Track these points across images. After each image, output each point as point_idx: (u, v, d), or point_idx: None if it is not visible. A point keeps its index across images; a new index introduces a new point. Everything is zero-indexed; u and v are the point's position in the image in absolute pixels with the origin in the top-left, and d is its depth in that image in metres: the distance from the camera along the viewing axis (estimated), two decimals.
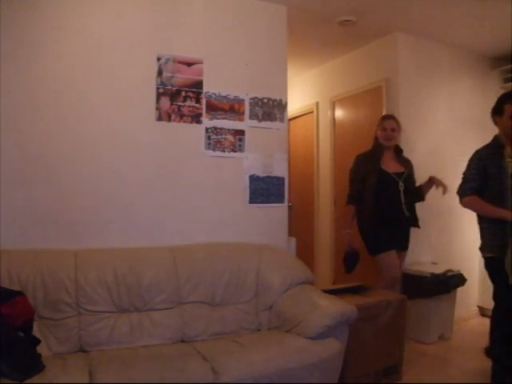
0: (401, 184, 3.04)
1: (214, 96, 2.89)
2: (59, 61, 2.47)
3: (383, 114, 3.82)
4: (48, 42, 2.45)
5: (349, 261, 3.11)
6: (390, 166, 3.12)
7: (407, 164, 3.22)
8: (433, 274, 3.28)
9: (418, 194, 3.18)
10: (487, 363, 2.57)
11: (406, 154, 3.62)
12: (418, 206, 3.22)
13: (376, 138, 3.19)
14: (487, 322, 2.67)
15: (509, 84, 4.01)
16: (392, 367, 2.65)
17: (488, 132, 4.09)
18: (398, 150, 3.23)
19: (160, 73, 2.72)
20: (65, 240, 2.42)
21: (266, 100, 3.06)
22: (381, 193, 3.01)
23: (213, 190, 2.88)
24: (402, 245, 3.14)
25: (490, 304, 3.89)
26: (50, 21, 2.46)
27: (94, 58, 2.56)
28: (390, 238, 3.03)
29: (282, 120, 3.12)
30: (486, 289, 3.95)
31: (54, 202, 2.44)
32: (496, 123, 2.64)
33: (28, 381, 1.65)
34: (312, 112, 4.85)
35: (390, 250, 3.00)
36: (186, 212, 2.79)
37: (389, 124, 3.14)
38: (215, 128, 2.88)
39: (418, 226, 3.19)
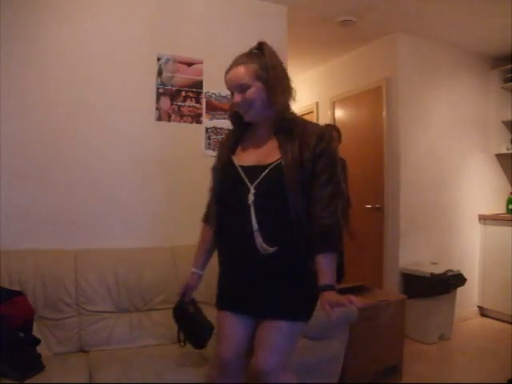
0: (252, 191, 1.47)
1: (214, 96, 2.88)
2: (59, 61, 2.46)
3: (383, 114, 3.82)
4: (48, 42, 2.45)
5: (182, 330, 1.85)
6: (248, 155, 1.56)
7: (293, 142, 1.46)
8: (433, 274, 3.27)
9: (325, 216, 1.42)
10: (487, 363, 2.57)
11: (404, 154, 3.55)
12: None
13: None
14: (487, 322, 2.68)
15: (509, 84, 4.01)
16: (392, 367, 2.65)
17: (488, 132, 4.11)
18: (285, 125, 1.50)
19: (160, 73, 2.72)
20: (65, 240, 2.42)
21: None
22: (222, 207, 1.60)
23: None
24: (254, 307, 1.53)
25: (489, 304, 3.92)
26: (50, 21, 2.45)
27: (94, 58, 2.55)
28: (227, 290, 1.63)
29: None
30: (486, 289, 3.96)
31: (53, 201, 2.44)
32: None
33: (28, 381, 1.65)
34: (312, 112, 4.84)
35: (223, 309, 1.60)
36: (185, 212, 2.78)
37: (232, 79, 1.53)
38: (215, 128, 2.88)
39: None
